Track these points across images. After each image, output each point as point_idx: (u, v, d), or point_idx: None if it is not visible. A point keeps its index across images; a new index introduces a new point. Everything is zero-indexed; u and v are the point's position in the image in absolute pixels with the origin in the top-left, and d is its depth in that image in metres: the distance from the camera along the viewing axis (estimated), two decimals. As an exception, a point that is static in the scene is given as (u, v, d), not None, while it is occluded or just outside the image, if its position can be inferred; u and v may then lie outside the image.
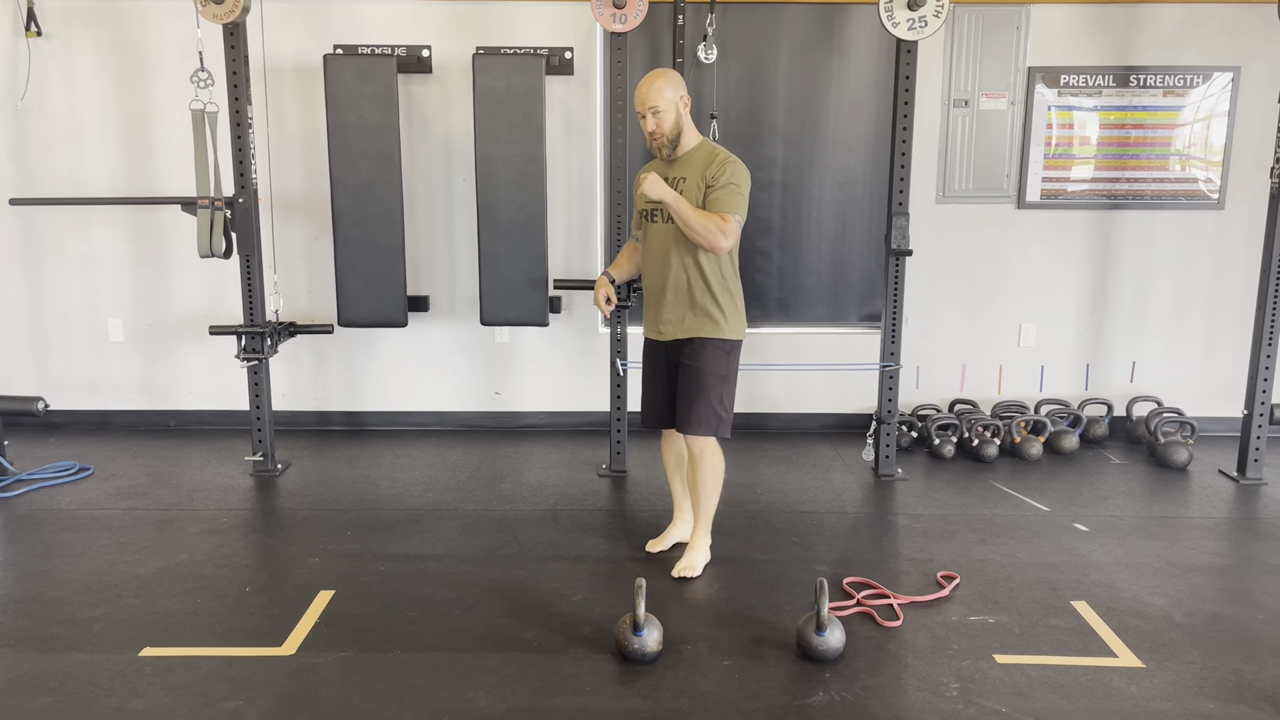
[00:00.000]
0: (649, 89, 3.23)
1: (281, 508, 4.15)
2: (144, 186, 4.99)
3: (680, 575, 3.38)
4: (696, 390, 3.31)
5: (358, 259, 4.68)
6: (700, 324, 3.33)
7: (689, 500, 3.58)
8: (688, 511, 3.63)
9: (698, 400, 3.31)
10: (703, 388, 3.31)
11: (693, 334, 3.34)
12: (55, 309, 5.17)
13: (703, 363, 3.32)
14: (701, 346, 3.33)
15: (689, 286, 3.32)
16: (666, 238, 3.33)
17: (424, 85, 4.92)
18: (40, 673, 2.79)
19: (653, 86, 3.23)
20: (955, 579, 3.39)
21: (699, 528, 3.48)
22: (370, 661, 2.86)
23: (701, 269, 3.30)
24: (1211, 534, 3.87)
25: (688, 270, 3.31)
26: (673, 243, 3.31)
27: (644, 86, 3.25)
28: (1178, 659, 2.89)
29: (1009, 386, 5.26)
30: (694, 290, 3.32)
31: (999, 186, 5.04)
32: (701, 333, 3.33)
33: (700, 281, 3.31)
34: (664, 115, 3.23)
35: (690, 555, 3.45)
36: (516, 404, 5.30)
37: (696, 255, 3.30)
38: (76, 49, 4.88)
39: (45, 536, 3.79)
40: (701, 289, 3.31)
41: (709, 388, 3.32)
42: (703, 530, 3.48)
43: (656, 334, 3.44)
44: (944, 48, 4.88)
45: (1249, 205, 4.99)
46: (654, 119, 3.24)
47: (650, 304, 3.43)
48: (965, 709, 2.62)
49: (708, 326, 3.33)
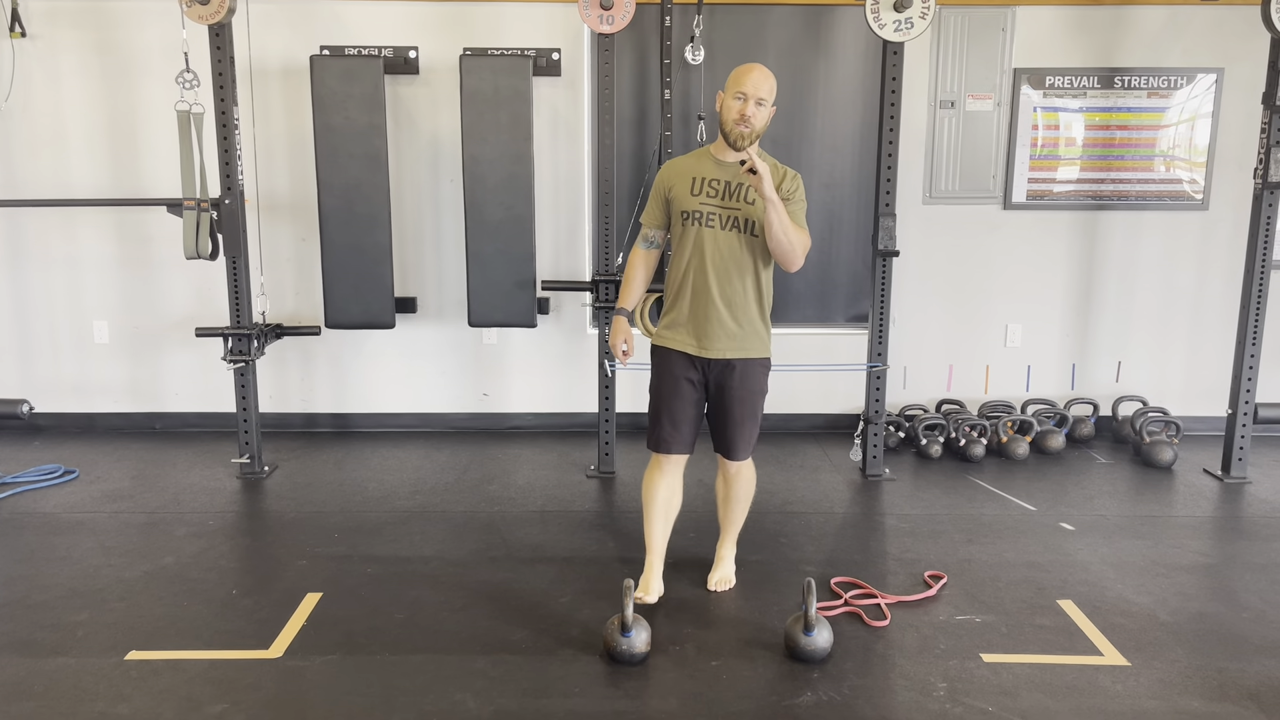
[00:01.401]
0: (763, 77, 2.93)
1: (268, 510, 4.14)
2: (129, 188, 4.96)
3: (719, 588, 3.32)
4: (750, 414, 3.14)
5: (345, 260, 4.67)
6: (752, 343, 3.09)
7: (665, 543, 3.29)
8: (661, 558, 3.29)
9: (751, 424, 3.16)
10: (755, 410, 3.15)
11: (746, 354, 3.09)
12: (40, 311, 5.14)
13: (755, 383, 3.13)
14: (755, 367, 3.11)
15: (746, 302, 3.05)
16: (733, 246, 3.01)
17: (411, 86, 4.91)
18: (24, 677, 2.77)
19: (768, 77, 2.95)
20: (942, 579, 3.41)
21: (731, 538, 3.41)
22: (358, 664, 2.85)
23: (761, 285, 3.07)
24: (1196, 533, 3.90)
25: (751, 285, 3.05)
26: (742, 253, 3.02)
27: (757, 72, 2.94)
28: (1163, 657, 2.90)
29: (996, 386, 5.28)
30: (751, 307, 3.06)
31: (985, 187, 5.06)
32: (754, 352, 3.10)
33: (757, 297, 3.07)
34: (765, 110, 2.95)
35: (725, 567, 3.38)
36: (504, 405, 5.30)
37: (762, 270, 3.06)
38: (61, 50, 4.85)
39: (29, 540, 3.77)
40: (758, 306, 3.08)
41: (759, 410, 3.17)
42: (733, 541, 3.42)
43: (698, 349, 3.08)
44: (930, 49, 4.90)
45: (1233, 206, 5.02)
46: (756, 109, 2.93)
47: (695, 317, 3.07)
48: (953, 708, 2.63)
49: (757, 345, 3.11)
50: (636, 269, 3.21)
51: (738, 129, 2.96)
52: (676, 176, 3.08)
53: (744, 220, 3.00)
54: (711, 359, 3.07)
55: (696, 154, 3.14)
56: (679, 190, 3.05)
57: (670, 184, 3.08)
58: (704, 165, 3.06)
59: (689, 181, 3.05)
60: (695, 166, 3.07)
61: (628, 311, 3.20)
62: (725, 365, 3.07)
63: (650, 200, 3.17)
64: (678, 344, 3.10)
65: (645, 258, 3.21)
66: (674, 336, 3.11)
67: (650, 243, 3.20)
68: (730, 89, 2.96)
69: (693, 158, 3.12)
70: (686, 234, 3.05)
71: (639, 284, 3.22)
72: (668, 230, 3.16)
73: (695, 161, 3.09)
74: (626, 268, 3.23)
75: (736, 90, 2.94)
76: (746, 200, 2.99)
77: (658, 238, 3.19)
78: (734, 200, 3.01)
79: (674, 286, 3.12)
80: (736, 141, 2.98)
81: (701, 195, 3.02)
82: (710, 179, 3.03)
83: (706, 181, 3.03)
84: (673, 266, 3.13)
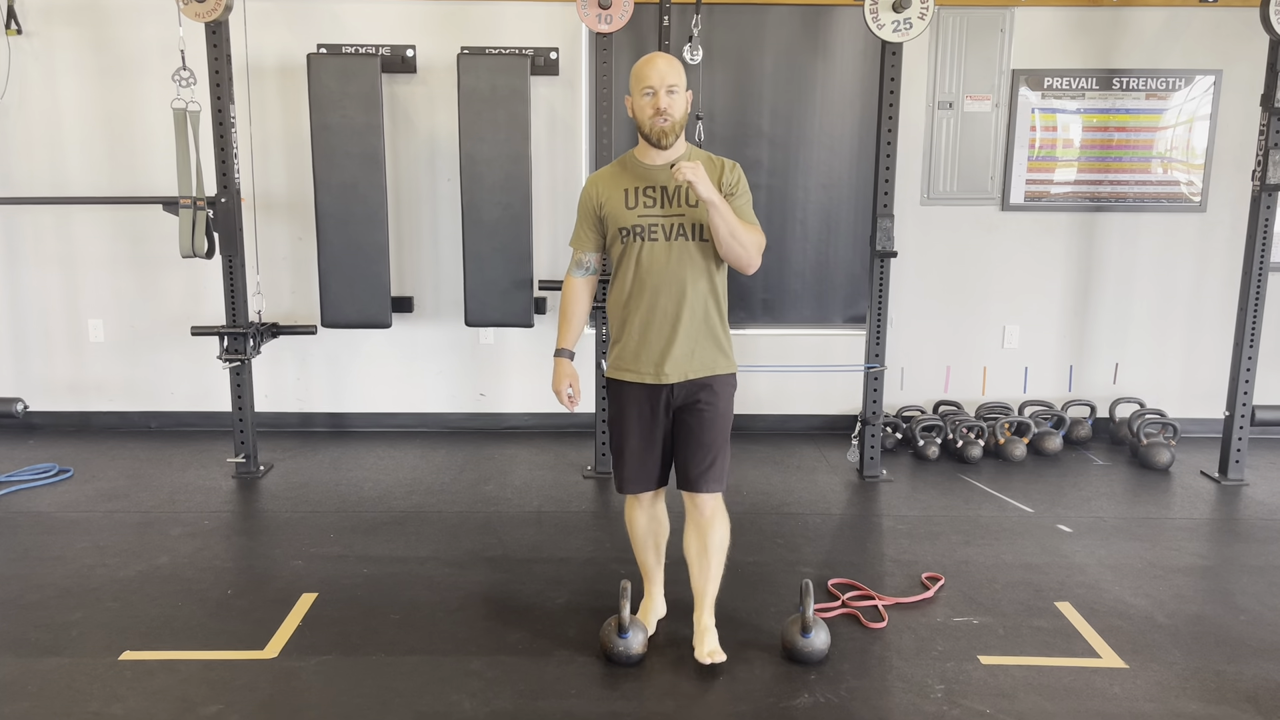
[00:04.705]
0: (668, 64, 2.67)
1: (264, 510, 4.12)
2: (125, 186, 4.94)
3: (712, 660, 2.83)
4: (718, 438, 2.79)
5: (341, 259, 4.65)
6: (714, 359, 2.78)
7: (661, 568, 3.05)
8: (661, 582, 3.09)
9: (720, 451, 2.80)
10: (723, 434, 2.81)
11: (708, 371, 2.77)
12: (35, 309, 5.12)
13: (722, 404, 2.79)
14: (719, 385, 2.79)
15: (705, 315, 2.75)
16: (682, 257, 2.71)
17: (408, 85, 4.89)
18: (18, 677, 2.76)
19: (672, 63, 2.68)
20: (940, 580, 3.40)
21: (709, 606, 2.91)
22: (353, 665, 2.84)
23: (716, 293, 2.78)
24: (1193, 535, 3.90)
25: (704, 295, 2.75)
26: (689, 262, 2.71)
27: (659, 61, 2.68)
28: (1160, 660, 2.90)
29: (993, 388, 5.28)
30: (709, 319, 2.76)
31: (983, 189, 5.06)
32: (717, 369, 2.78)
33: (715, 308, 2.77)
34: (679, 97, 2.67)
35: (711, 639, 2.88)
36: (501, 405, 5.29)
37: (714, 277, 2.76)
38: (57, 47, 4.84)
39: (24, 539, 3.75)
40: (715, 317, 2.78)
41: (726, 433, 2.82)
42: (712, 607, 2.92)
43: (655, 377, 2.75)
44: (929, 50, 4.89)
45: (1230, 208, 5.02)
46: (669, 98, 2.64)
47: (648, 341, 2.75)
48: (950, 710, 2.62)
49: (720, 361, 2.79)
50: (577, 300, 2.88)
51: (657, 124, 2.66)
52: (605, 191, 2.76)
53: (690, 226, 2.71)
54: (669, 384, 2.76)
55: (618, 163, 2.82)
56: (612, 206, 2.74)
57: (599, 200, 2.76)
58: (631, 173, 2.76)
59: (621, 194, 2.73)
60: (622, 177, 2.77)
61: (569, 351, 2.87)
62: (689, 388, 2.76)
63: (579, 222, 2.84)
64: (632, 375, 2.78)
65: (584, 286, 2.88)
66: (627, 367, 2.79)
67: (585, 269, 2.87)
68: (636, 87, 2.68)
69: (616, 167, 2.81)
70: (629, 252, 2.74)
71: (579, 318, 2.89)
72: (603, 252, 2.86)
73: (620, 171, 2.79)
74: (563, 301, 2.90)
75: (643, 86, 2.66)
76: (689, 203, 2.70)
77: (593, 262, 2.87)
78: (676, 205, 2.71)
79: (619, 311, 2.80)
80: (659, 139, 2.68)
81: (639, 207, 2.71)
82: (644, 187, 2.72)
83: (640, 191, 2.72)
84: (614, 290, 2.81)
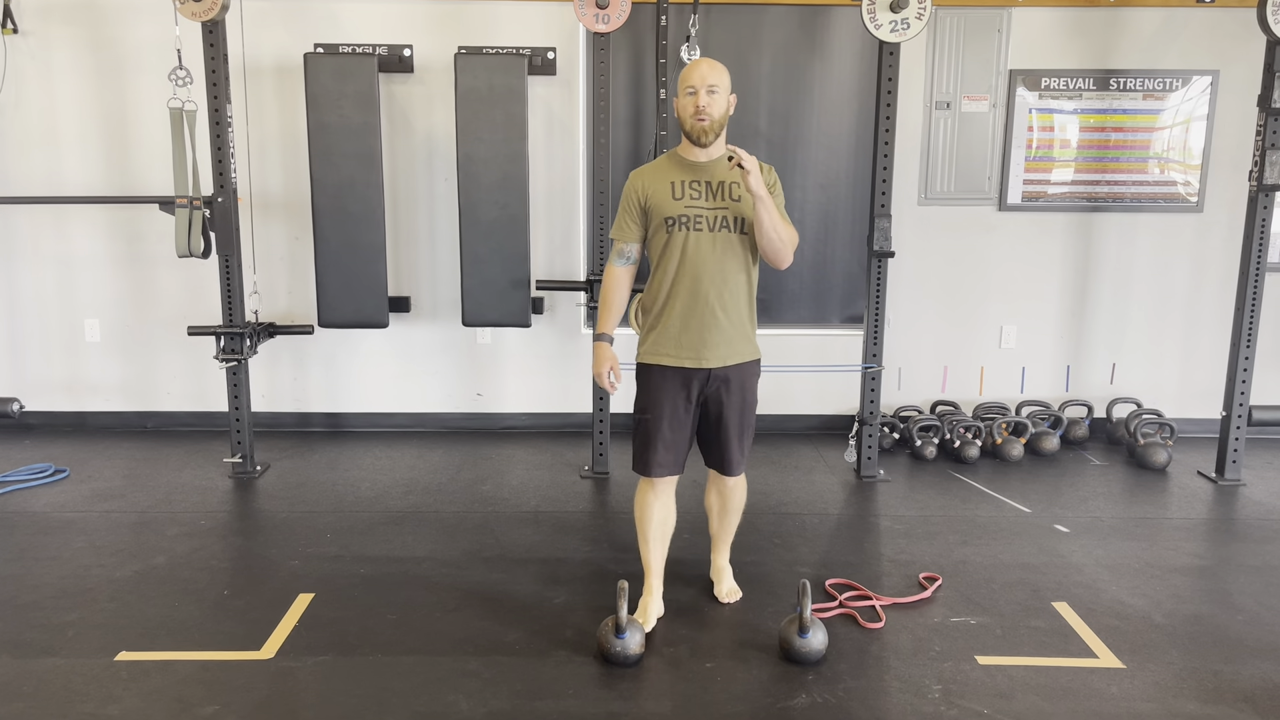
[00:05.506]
0: (710, 67, 2.83)
1: (261, 510, 4.12)
2: (122, 185, 4.93)
3: (729, 599, 3.26)
4: (748, 425, 3.06)
5: (338, 259, 4.65)
6: (747, 346, 2.99)
7: (663, 563, 3.18)
8: (660, 577, 3.18)
9: (749, 437, 3.08)
10: (752, 422, 3.07)
11: (743, 358, 2.97)
12: (31, 308, 5.11)
13: (751, 390, 3.03)
14: (750, 372, 3.01)
15: (741, 305, 2.95)
16: (726, 248, 2.89)
17: (405, 85, 4.89)
18: (14, 678, 2.75)
19: (714, 66, 2.85)
20: (937, 580, 3.40)
21: (725, 549, 3.34)
22: (350, 665, 2.84)
23: (751, 285, 2.98)
24: (1190, 535, 3.90)
25: (744, 286, 2.95)
26: (731, 253, 2.90)
27: (703, 64, 2.84)
28: (1158, 660, 2.90)
29: (990, 388, 5.28)
30: (744, 309, 2.96)
31: (981, 189, 5.06)
32: (750, 356, 3.00)
33: (749, 299, 2.98)
34: (719, 98, 2.83)
35: (729, 578, 3.32)
36: (498, 405, 5.28)
37: (750, 270, 2.96)
38: (54, 46, 4.83)
39: (19, 540, 3.74)
40: (750, 307, 2.99)
41: (754, 421, 3.09)
42: (728, 550, 3.36)
43: (695, 361, 2.92)
44: (926, 50, 4.89)
45: (1227, 208, 5.03)
46: (709, 98, 2.80)
47: (688, 327, 2.91)
48: (947, 710, 2.62)
49: (752, 348, 3.01)
50: (618, 288, 3.02)
51: (697, 123, 2.83)
52: (651, 184, 2.92)
53: (734, 219, 2.89)
54: (712, 369, 2.93)
55: (664, 159, 3.00)
56: (658, 197, 2.90)
57: (646, 192, 2.92)
58: (676, 169, 2.93)
59: (667, 186, 2.90)
60: (668, 170, 2.94)
61: (609, 336, 3.01)
62: (724, 374, 2.94)
63: (621, 213, 2.98)
64: (670, 359, 2.93)
65: (625, 274, 3.01)
66: (665, 351, 2.94)
67: (627, 258, 3.00)
68: (680, 88, 2.87)
69: (662, 162, 2.98)
70: (673, 241, 2.89)
71: (619, 305, 3.02)
72: (644, 243, 3.01)
73: (666, 165, 2.96)
74: (604, 289, 3.03)
75: (686, 87, 2.84)
76: (733, 198, 2.89)
77: (634, 252, 3.01)
78: (721, 199, 2.88)
79: (659, 298, 2.94)
80: (699, 137, 2.85)
81: (685, 199, 2.88)
82: (690, 180, 2.90)
83: (687, 184, 2.90)
84: (656, 277, 2.96)
